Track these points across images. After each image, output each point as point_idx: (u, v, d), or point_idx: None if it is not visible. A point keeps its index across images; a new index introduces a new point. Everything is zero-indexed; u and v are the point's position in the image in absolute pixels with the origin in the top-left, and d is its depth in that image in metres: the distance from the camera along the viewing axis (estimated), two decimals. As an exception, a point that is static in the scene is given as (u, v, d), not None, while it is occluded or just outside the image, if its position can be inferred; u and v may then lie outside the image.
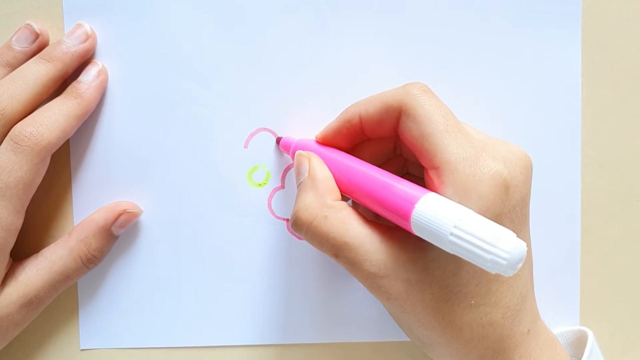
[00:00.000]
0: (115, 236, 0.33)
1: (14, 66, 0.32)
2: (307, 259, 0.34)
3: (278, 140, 0.33)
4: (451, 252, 0.22)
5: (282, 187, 0.34)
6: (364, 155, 0.30)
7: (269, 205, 0.34)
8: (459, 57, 0.34)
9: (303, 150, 0.30)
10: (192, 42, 0.33)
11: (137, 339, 0.34)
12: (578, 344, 0.33)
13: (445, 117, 0.26)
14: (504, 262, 0.21)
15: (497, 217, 0.25)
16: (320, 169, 0.28)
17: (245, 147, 0.34)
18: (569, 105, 0.34)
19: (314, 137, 0.31)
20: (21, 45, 0.32)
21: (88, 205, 0.33)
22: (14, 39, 0.32)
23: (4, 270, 0.30)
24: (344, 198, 0.29)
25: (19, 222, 0.30)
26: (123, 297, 0.34)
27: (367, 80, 0.33)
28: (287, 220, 0.34)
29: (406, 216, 0.24)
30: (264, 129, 0.33)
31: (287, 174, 0.34)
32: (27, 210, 0.31)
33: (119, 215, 0.32)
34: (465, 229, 0.22)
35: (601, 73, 0.34)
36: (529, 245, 0.27)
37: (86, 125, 0.33)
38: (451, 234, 0.22)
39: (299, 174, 0.29)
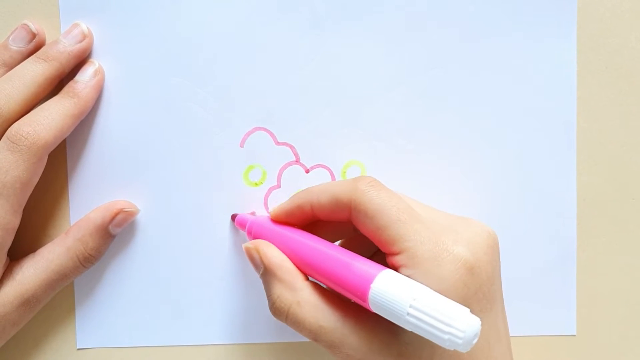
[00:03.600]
0: (112, 235, 0.33)
1: (10, 66, 0.32)
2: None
3: (233, 217, 0.33)
4: (410, 330, 0.23)
5: (279, 186, 0.34)
6: (324, 231, 0.30)
7: (265, 204, 0.34)
8: (454, 58, 0.34)
9: (256, 227, 0.30)
10: (188, 41, 0.33)
11: (134, 338, 0.34)
12: None
13: (397, 206, 0.26)
14: (460, 341, 0.21)
15: (463, 300, 0.25)
16: (272, 255, 0.28)
17: (241, 146, 0.34)
18: (564, 104, 0.34)
19: (268, 214, 0.31)
20: (18, 45, 0.32)
21: (85, 205, 0.33)
22: (10, 38, 0.32)
23: (1, 269, 0.30)
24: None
25: (16, 221, 0.30)
26: (120, 296, 0.34)
27: (362, 79, 0.34)
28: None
29: (364, 296, 0.24)
30: (260, 128, 0.34)
31: (284, 173, 0.34)
32: (24, 210, 0.31)
33: (116, 214, 0.32)
34: (421, 308, 0.22)
35: (596, 72, 0.35)
36: (504, 322, 0.27)
37: (83, 124, 0.33)
38: (408, 313, 0.22)
39: (254, 267, 0.29)
